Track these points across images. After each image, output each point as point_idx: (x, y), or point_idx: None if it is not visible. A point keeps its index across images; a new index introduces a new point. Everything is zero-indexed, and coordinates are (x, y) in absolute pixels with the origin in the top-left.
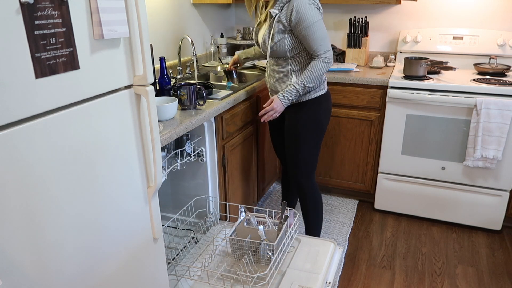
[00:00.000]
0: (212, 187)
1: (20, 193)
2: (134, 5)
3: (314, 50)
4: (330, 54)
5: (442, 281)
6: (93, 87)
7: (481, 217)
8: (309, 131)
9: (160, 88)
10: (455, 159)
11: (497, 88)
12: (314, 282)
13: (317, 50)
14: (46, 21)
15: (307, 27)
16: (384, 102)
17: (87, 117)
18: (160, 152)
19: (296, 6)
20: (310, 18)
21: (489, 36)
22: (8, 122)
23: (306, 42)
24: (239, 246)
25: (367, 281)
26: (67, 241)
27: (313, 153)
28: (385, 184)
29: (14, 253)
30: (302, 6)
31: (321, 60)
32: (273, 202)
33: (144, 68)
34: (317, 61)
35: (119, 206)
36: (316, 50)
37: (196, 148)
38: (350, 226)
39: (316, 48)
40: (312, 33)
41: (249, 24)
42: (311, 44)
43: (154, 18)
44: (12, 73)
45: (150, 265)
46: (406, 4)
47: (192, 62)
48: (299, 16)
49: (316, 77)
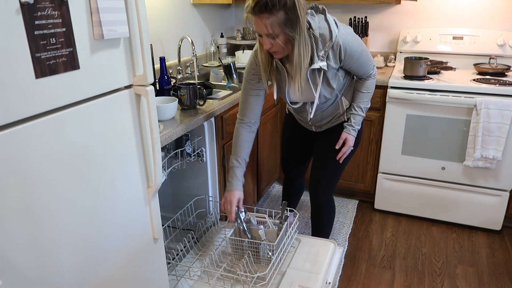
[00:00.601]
0: (212, 187)
1: (20, 193)
2: (134, 5)
3: (365, 72)
4: (375, 70)
5: (442, 281)
6: (93, 87)
7: (481, 217)
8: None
9: (160, 88)
10: (455, 159)
11: (497, 88)
12: (314, 282)
13: (368, 70)
14: (46, 21)
15: (358, 57)
16: (384, 102)
17: (87, 117)
18: (160, 152)
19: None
20: (357, 47)
21: (489, 36)
22: (8, 122)
23: (357, 69)
24: (239, 246)
25: (367, 281)
26: (67, 241)
27: (341, 171)
28: (385, 184)
29: (14, 253)
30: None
31: (372, 78)
32: (273, 202)
33: (144, 68)
34: (370, 80)
35: (119, 206)
36: (368, 70)
37: (196, 148)
38: (350, 226)
39: (367, 69)
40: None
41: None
42: (361, 69)
43: (154, 18)
44: (12, 73)
45: (150, 265)
46: (406, 4)
47: (192, 62)
48: (348, 52)
49: (371, 94)
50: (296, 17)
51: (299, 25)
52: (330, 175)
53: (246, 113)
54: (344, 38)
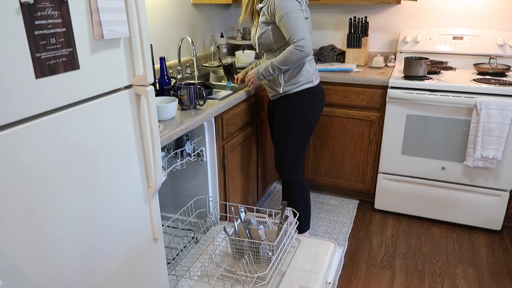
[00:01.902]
0: (212, 187)
1: (20, 193)
2: (134, 5)
3: (288, 38)
4: (304, 43)
5: (442, 281)
6: (93, 87)
7: (481, 217)
8: (295, 125)
9: (160, 88)
10: (455, 159)
11: (497, 88)
12: (314, 282)
13: (291, 38)
14: (46, 21)
15: (282, 17)
16: (384, 102)
17: (87, 117)
18: (160, 152)
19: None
20: (286, 8)
21: (489, 36)
22: (8, 122)
23: (283, 31)
24: (239, 246)
25: (367, 281)
26: (67, 241)
27: (298, 148)
28: (385, 184)
29: (14, 253)
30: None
31: (293, 47)
32: (273, 202)
33: (144, 68)
34: (290, 47)
35: (119, 206)
36: (290, 37)
37: (196, 148)
38: (350, 226)
39: (290, 36)
40: (287, 22)
41: (249, 24)
42: (286, 33)
43: (154, 18)
44: (12, 73)
45: (150, 265)
46: (406, 4)
47: (192, 62)
48: (276, 6)
49: (289, 62)
50: None
51: None
52: (281, 153)
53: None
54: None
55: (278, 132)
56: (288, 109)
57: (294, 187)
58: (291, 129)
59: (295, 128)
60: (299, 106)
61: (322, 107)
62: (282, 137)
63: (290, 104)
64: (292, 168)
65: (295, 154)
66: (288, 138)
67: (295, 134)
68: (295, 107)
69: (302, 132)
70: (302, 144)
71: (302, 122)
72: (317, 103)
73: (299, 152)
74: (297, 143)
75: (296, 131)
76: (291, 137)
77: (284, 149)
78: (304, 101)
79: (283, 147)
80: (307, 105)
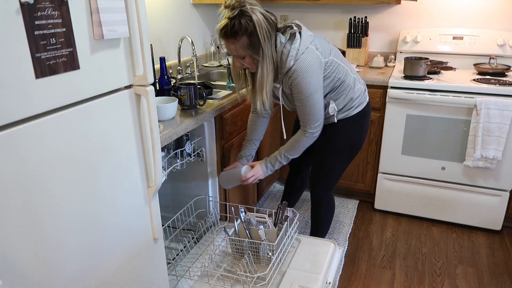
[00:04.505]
0: (212, 187)
1: (20, 193)
2: (134, 5)
3: (302, 121)
4: (317, 129)
5: (442, 281)
6: (93, 87)
7: (481, 217)
8: (344, 147)
9: (160, 88)
10: (455, 159)
11: (497, 88)
12: (314, 282)
13: (306, 123)
14: (46, 21)
15: (302, 99)
16: (384, 102)
17: (87, 117)
18: (160, 152)
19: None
20: (307, 89)
21: (489, 36)
22: (8, 122)
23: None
24: (239, 246)
25: (367, 281)
26: (67, 241)
27: (340, 169)
28: (385, 184)
29: (14, 253)
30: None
31: (305, 134)
32: (273, 202)
33: (144, 68)
34: (301, 134)
35: (119, 206)
36: (305, 122)
37: (196, 148)
38: (350, 226)
39: (305, 121)
40: (305, 106)
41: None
42: (300, 114)
43: (154, 18)
44: (12, 73)
45: (150, 265)
46: (406, 4)
47: (192, 62)
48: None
49: (300, 150)
50: (258, 41)
51: (261, 48)
52: (322, 174)
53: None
54: (298, 72)
55: (323, 154)
56: (339, 133)
57: (323, 206)
58: (340, 153)
59: (345, 152)
60: (355, 129)
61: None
62: (327, 161)
63: (342, 129)
64: (328, 189)
65: (336, 176)
66: (334, 163)
67: (343, 157)
68: (348, 132)
69: (352, 155)
70: (345, 167)
71: (354, 145)
72: (367, 123)
73: (340, 174)
74: (341, 166)
75: (345, 155)
76: (338, 161)
77: (326, 171)
78: (358, 123)
79: (325, 169)
80: (361, 128)
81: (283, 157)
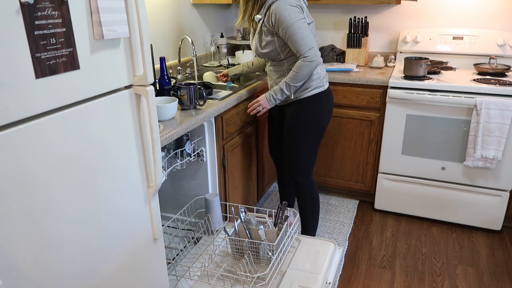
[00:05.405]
0: (212, 187)
1: (20, 193)
2: (134, 5)
3: (296, 51)
4: (312, 52)
5: (442, 281)
6: (93, 87)
7: (481, 217)
8: (308, 129)
9: (160, 88)
10: (455, 159)
11: (497, 88)
12: (314, 282)
13: (299, 51)
14: (46, 21)
15: (286, 29)
16: (384, 102)
17: (87, 117)
18: (160, 152)
19: (275, 9)
20: (288, 19)
21: (489, 36)
22: (8, 122)
23: (289, 44)
24: (239, 246)
25: (367, 281)
26: (67, 241)
27: (311, 152)
28: (385, 184)
29: (14, 253)
30: (280, 8)
31: (302, 60)
32: (273, 202)
33: (144, 68)
34: (300, 61)
35: (119, 206)
36: (298, 50)
37: (196, 148)
38: (350, 226)
39: (297, 49)
40: (291, 35)
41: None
42: (293, 45)
43: (154, 18)
44: (12, 73)
45: (150, 265)
46: (406, 4)
47: (192, 62)
48: (277, 18)
49: (302, 77)
50: None
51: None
52: (294, 157)
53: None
54: (278, 6)
55: (289, 137)
56: (299, 113)
57: (304, 191)
58: (303, 133)
59: (307, 132)
60: (311, 110)
61: (332, 110)
62: (294, 141)
63: (301, 109)
64: (305, 172)
65: (307, 158)
66: (300, 142)
67: (307, 137)
68: (306, 112)
69: (314, 135)
70: (314, 147)
71: (314, 125)
72: (327, 106)
73: (311, 155)
74: (309, 147)
75: (308, 135)
76: (303, 141)
77: (296, 153)
78: (315, 105)
79: (295, 151)
80: (318, 109)
81: (284, 85)
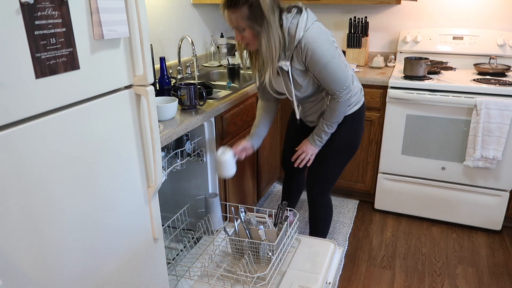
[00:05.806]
0: (212, 187)
1: (20, 193)
2: (134, 5)
3: (330, 89)
4: (348, 89)
5: (442, 281)
6: (93, 87)
7: (481, 217)
8: (341, 148)
9: (160, 88)
10: (455, 159)
11: (497, 88)
12: (314, 282)
13: (335, 90)
14: (46, 21)
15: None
16: (384, 102)
17: (87, 117)
18: (160, 152)
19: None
20: (324, 56)
21: (489, 36)
22: (8, 122)
23: (321, 82)
24: (239, 246)
25: (367, 281)
26: (67, 241)
27: (338, 172)
28: (385, 184)
29: (14, 253)
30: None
31: (339, 99)
32: (273, 202)
33: (144, 68)
34: (335, 101)
35: (119, 206)
36: (333, 89)
37: (196, 148)
38: (350, 226)
39: (333, 88)
40: (329, 74)
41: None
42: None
43: (154, 18)
44: (12, 73)
45: (150, 265)
46: (406, 4)
47: (192, 62)
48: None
49: (340, 115)
50: (261, 13)
51: (264, 20)
52: (320, 177)
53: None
54: (310, 41)
55: (320, 157)
56: (337, 133)
57: (320, 208)
58: (338, 155)
59: (342, 152)
60: (351, 129)
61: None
62: (324, 163)
63: (339, 128)
64: (325, 191)
65: (333, 178)
66: (330, 162)
67: (339, 158)
68: (346, 131)
69: (348, 155)
70: (342, 168)
71: (351, 145)
72: (364, 123)
73: (338, 176)
74: (338, 167)
75: (342, 155)
76: (335, 163)
77: (324, 173)
78: (355, 123)
79: (322, 172)
80: (358, 127)
81: (326, 126)
